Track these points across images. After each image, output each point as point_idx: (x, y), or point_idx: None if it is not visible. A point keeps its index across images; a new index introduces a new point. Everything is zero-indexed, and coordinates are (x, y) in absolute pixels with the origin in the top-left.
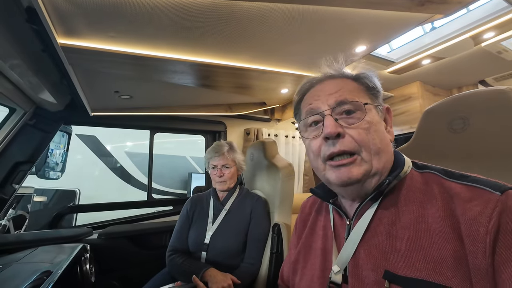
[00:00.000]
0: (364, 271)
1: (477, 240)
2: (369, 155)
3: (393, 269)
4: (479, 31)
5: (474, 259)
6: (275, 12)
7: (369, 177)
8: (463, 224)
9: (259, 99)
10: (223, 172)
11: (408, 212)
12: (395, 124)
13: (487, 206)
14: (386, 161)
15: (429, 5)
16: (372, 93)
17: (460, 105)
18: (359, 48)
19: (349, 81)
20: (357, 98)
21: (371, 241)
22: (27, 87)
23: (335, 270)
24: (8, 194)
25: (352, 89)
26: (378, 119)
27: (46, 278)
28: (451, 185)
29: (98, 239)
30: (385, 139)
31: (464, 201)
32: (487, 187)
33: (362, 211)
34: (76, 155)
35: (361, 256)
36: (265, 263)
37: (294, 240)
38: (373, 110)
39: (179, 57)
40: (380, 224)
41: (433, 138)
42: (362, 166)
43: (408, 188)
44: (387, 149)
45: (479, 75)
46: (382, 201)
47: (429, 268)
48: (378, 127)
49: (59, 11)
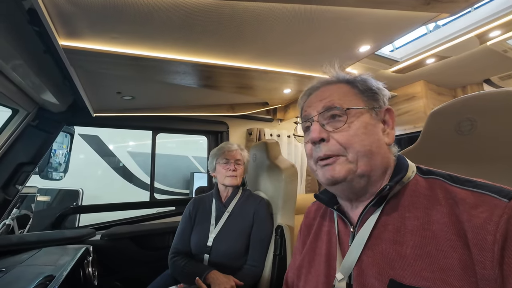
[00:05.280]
0: (368, 279)
1: (485, 249)
2: (354, 157)
3: (398, 277)
4: (485, 30)
5: (482, 270)
6: (278, 12)
7: (355, 177)
8: (469, 231)
9: (261, 99)
10: (236, 167)
11: (413, 218)
12: (399, 124)
13: (494, 213)
14: (378, 164)
15: (435, 4)
16: (367, 95)
17: (467, 106)
18: (363, 48)
19: (343, 86)
20: (346, 103)
21: (376, 248)
22: (30, 88)
23: (338, 278)
24: (11, 195)
25: (344, 94)
26: (371, 122)
27: (49, 282)
28: (456, 191)
29: (101, 240)
30: (377, 142)
31: (470, 208)
32: (493, 193)
33: (365, 218)
34: (79, 155)
35: (365, 263)
36: (268, 265)
37: (298, 245)
38: (365, 113)
39: (181, 58)
40: (385, 230)
41: (440, 140)
42: (345, 166)
43: (413, 194)
44: (379, 151)
45: (484, 74)
46: (386, 207)
47: (435, 277)
48: (369, 129)
49: (61, 13)
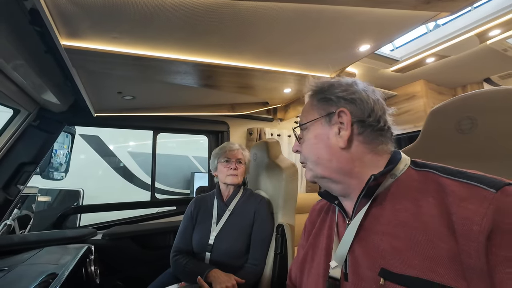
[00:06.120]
0: (361, 268)
1: (470, 239)
2: (312, 165)
3: (389, 266)
4: (485, 29)
5: (467, 259)
6: (279, 11)
7: (320, 180)
8: (457, 223)
9: (261, 98)
10: (237, 166)
11: (403, 210)
12: (398, 123)
13: (482, 204)
14: (335, 167)
15: (435, 2)
16: (322, 103)
17: (467, 105)
18: (363, 47)
19: (309, 99)
20: (305, 118)
21: (368, 238)
22: (31, 88)
23: (332, 265)
24: (13, 195)
25: (306, 109)
26: (321, 131)
27: (52, 280)
28: (447, 182)
29: (103, 239)
30: (327, 149)
31: (459, 200)
32: (483, 184)
33: (358, 209)
34: (79, 155)
35: (358, 253)
36: (269, 264)
37: (302, 241)
38: (316, 124)
39: (182, 58)
40: (377, 223)
41: (440, 139)
42: (309, 172)
43: (404, 186)
44: (331, 157)
45: (484, 73)
46: (378, 199)
47: (424, 266)
48: (319, 139)
49: (62, 13)
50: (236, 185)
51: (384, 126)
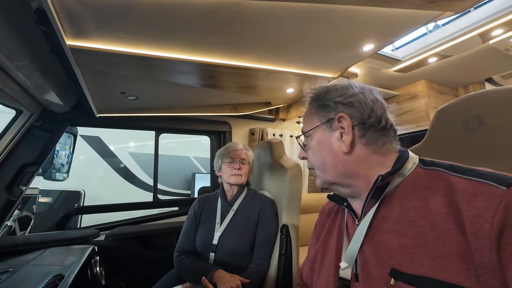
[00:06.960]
0: (372, 268)
1: (482, 237)
2: (319, 171)
3: (399, 266)
4: (487, 29)
5: (480, 257)
6: (282, 11)
7: (331, 185)
8: (467, 220)
9: (264, 99)
10: (241, 166)
11: (412, 209)
12: (400, 123)
13: (492, 201)
14: (341, 171)
15: (440, 2)
16: (321, 110)
17: (475, 104)
18: (367, 47)
19: (308, 107)
20: (307, 126)
21: (378, 238)
22: (34, 89)
23: (342, 266)
24: (15, 196)
25: (307, 117)
26: (323, 137)
27: (59, 282)
28: (456, 180)
29: (106, 240)
30: (331, 154)
31: (469, 197)
32: (492, 181)
33: (367, 210)
34: (80, 156)
35: (368, 253)
36: (274, 265)
37: (313, 241)
38: (317, 130)
39: (185, 58)
40: (386, 222)
41: (448, 138)
42: (318, 178)
43: (412, 185)
44: (336, 161)
45: (486, 73)
46: (386, 199)
47: (433, 265)
48: (322, 145)
49: (69, 13)
50: (240, 185)
51: (386, 124)
